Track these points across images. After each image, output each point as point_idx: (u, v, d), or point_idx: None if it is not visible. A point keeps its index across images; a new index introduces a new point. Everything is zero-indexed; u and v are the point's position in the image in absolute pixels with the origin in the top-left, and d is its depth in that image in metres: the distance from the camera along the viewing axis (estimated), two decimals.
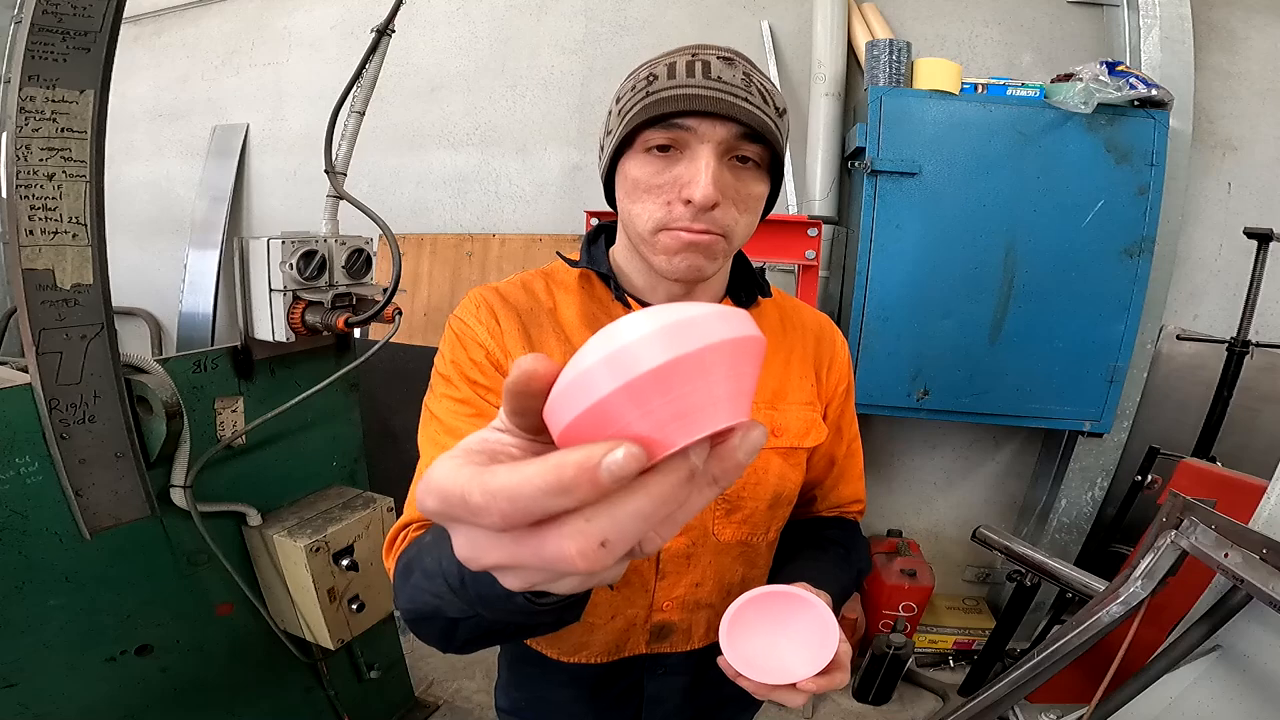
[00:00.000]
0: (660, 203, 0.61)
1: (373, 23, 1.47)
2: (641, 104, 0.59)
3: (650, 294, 0.71)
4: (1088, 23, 2.18)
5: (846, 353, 0.82)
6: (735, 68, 0.60)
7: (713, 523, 0.72)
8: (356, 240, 1.48)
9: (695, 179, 0.58)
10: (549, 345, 0.70)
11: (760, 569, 0.79)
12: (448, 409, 0.67)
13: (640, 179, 0.61)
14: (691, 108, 0.57)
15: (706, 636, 0.77)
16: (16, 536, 1.08)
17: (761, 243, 1.87)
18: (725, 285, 0.75)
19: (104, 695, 1.23)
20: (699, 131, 0.58)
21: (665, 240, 0.61)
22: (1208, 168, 2.12)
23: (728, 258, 0.65)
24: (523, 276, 0.76)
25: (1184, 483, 1.63)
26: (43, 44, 0.98)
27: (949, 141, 1.89)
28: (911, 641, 2.11)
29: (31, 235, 1.02)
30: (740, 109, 0.58)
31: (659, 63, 0.62)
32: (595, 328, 0.70)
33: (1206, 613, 1.11)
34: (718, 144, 0.58)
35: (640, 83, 0.61)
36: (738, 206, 0.62)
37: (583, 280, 0.74)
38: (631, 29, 2.36)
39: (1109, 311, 1.95)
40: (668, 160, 0.60)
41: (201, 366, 1.33)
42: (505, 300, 0.71)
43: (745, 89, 0.59)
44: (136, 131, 2.99)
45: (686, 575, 0.73)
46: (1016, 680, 1.30)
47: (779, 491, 0.73)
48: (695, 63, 0.59)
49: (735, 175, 0.61)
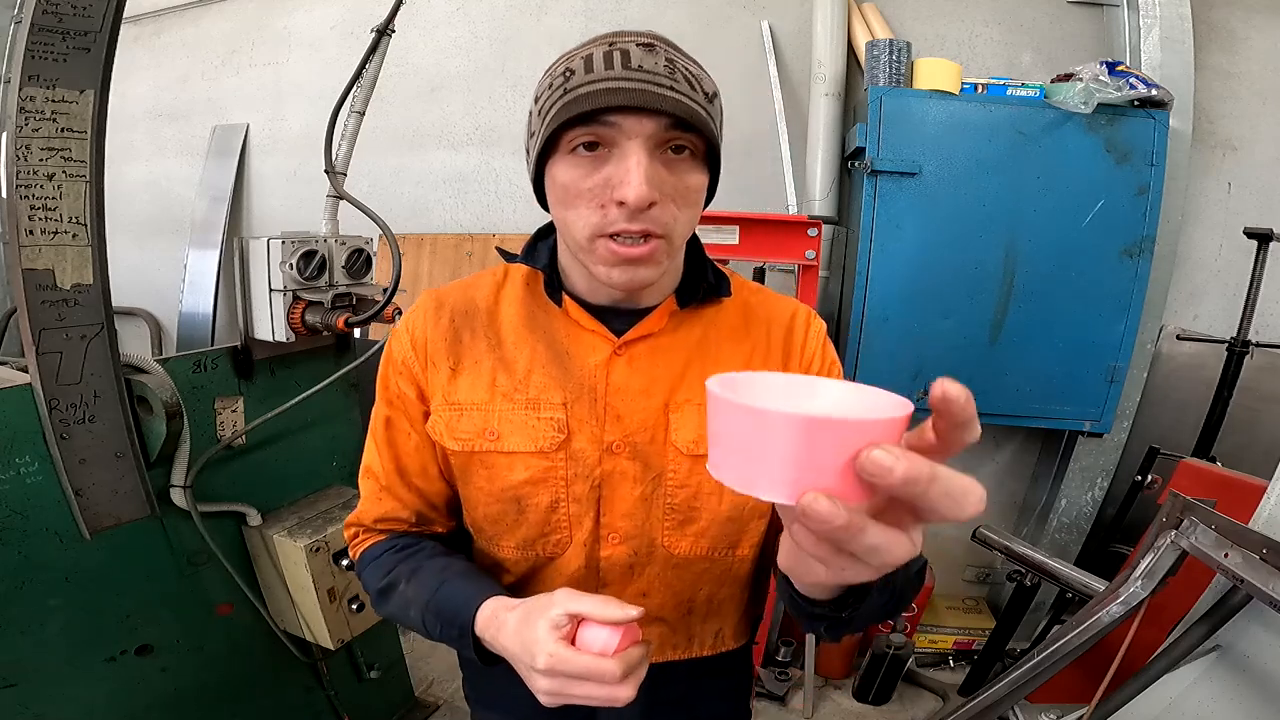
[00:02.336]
0: (593, 207, 0.57)
1: (373, 23, 1.47)
2: (560, 103, 0.56)
3: (592, 295, 0.68)
4: (1088, 23, 2.18)
5: (822, 340, 0.74)
6: (657, 54, 0.56)
7: (662, 534, 0.68)
8: (356, 240, 1.48)
9: (626, 179, 0.54)
10: (479, 349, 0.68)
11: (737, 588, 0.75)
12: (374, 420, 0.72)
13: (569, 183, 0.57)
14: (613, 103, 0.53)
15: (661, 653, 0.74)
16: (16, 536, 1.08)
17: (761, 243, 1.87)
18: (675, 284, 0.70)
19: (104, 695, 1.23)
20: (625, 127, 0.54)
21: (602, 250, 0.58)
22: (1208, 168, 2.12)
23: (672, 258, 0.62)
24: (475, 276, 0.74)
25: (1184, 483, 1.63)
26: (43, 44, 0.98)
27: (949, 141, 1.89)
28: (911, 641, 2.11)
29: (31, 235, 1.02)
30: (667, 99, 0.54)
31: (575, 55, 0.58)
32: (533, 328, 0.68)
33: (1206, 613, 1.11)
34: (646, 139, 0.55)
35: (557, 79, 0.57)
36: (676, 202, 0.58)
37: (529, 278, 0.71)
38: (631, 29, 2.36)
39: (1109, 311, 1.95)
40: (596, 160, 0.56)
41: (201, 366, 1.33)
42: (440, 307, 0.70)
43: (670, 76, 0.55)
44: (136, 131, 2.99)
45: (631, 585, 0.70)
46: (1016, 680, 1.30)
47: (742, 502, 0.68)
48: (614, 53, 0.56)
49: (670, 169, 0.57)
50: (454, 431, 0.66)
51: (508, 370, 0.67)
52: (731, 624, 0.77)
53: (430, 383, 0.68)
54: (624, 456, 0.66)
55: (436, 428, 0.67)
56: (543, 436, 0.65)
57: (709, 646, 0.76)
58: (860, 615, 0.50)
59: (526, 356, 0.67)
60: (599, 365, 0.66)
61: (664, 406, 0.67)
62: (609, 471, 0.66)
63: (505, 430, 0.66)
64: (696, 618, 0.74)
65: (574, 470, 0.66)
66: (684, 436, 0.66)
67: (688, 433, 0.66)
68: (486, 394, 0.67)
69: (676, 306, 0.69)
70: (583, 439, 0.66)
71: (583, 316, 0.67)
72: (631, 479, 0.67)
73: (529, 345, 0.68)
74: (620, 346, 0.66)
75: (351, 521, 0.76)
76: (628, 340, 0.67)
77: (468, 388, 0.67)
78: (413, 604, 0.65)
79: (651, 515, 0.67)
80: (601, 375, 0.66)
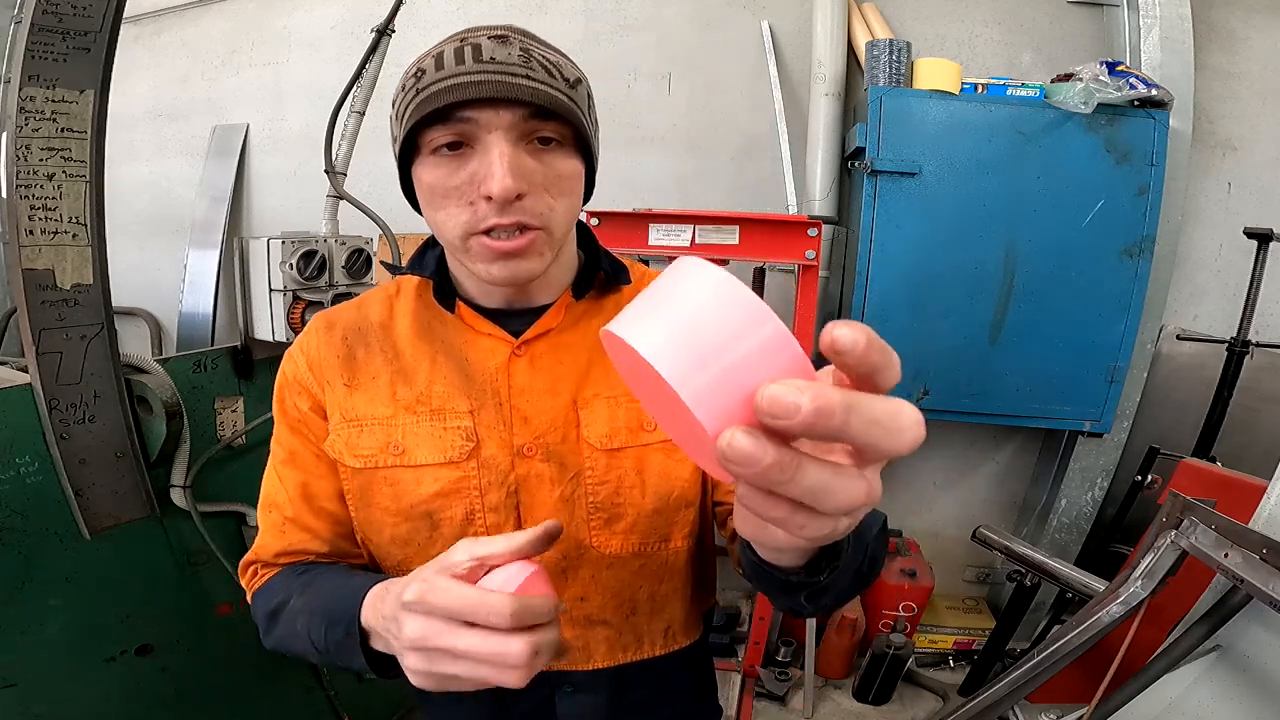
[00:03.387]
0: (462, 205, 0.56)
1: (373, 23, 1.47)
2: (414, 103, 0.54)
3: (484, 297, 0.66)
4: (1088, 23, 2.18)
5: None
6: (510, 45, 0.55)
7: (589, 534, 0.66)
8: (356, 240, 1.48)
9: (490, 171, 0.53)
10: (375, 364, 0.66)
11: (679, 581, 0.72)
12: (274, 448, 0.69)
13: (435, 184, 0.56)
14: (466, 97, 0.52)
15: (611, 655, 0.71)
16: (16, 536, 1.08)
17: (761, 243, 1.87)
18: (572, 277, 0.69)
19: (104, 695, 1.23)
20: (481, 121, 0.53)
21: (477, 248, 0.57)
22: (1208, 168, 2.12)
23: (556, 249, 0.60)
24: (369, 292, 0.72)
25: (1184, 483, 1.63)
26: (43, 44, 0.98)
27: (949, 141, 1.89)
28: (911, 641, 2.11)
29: (31, 235, 1.02)
30: (521, 88, 0.53)
31: (426, 56, 0.57)
32: (429, 338, 0.66)
33: (1206, 613, 1.11)
34: (507, 130, 0.54)
35: (409, 80, 0.56)
36: (550, 191, 0.57)
37: (420, 287, 0.69)
38: (632, 29, 2.36)
39: (1109, 311, 1.95)
40: (459, 159, 0.55)
41: (201, 366, 1.33)
42: (331, 326, 0.68)
43: (525, 65, 0.54)
44: (136, 131, 2.99)
45: (566, 590, 0.67)
46: (1016, 680, 1.30)
47: (665, 492, 0.66)
48: (464, 48, 0.54)
49: (538, 159, 0.56)
50: (354, 449, 0.64)
51: (408, 382, 0.65)
52: (680, 619, 0.74)
53: (328, 400, 0.66)
54: (538, 459, 0.64)
55: (336, 446, 0.65)
56: (451, 446, 0.63)
57: (660, 646, 0.74)
58: (838, 578, 0.46)
59: (426, 367, 0.65)
60: (499, 368, 0.64)
61: (572, 404, 0.65)
62: (524, 476, 0.64)
63: (411, 443, 0.63)
64: (641, 617, 0.71)
65: (487, 478, 0.64)
66: (596, 431, 0.64)
67: (600, 427, 0.64)
68: (388, 408, 0.64)
69: (573, 299, 0.67)
70: (492, 445, 0.63)
71: (477, 320, 0.66)
72: (549, 481, 0.64)
73: (427, 356, 0.66)
74: (519, 346, 0.65)
75: (248, 561, 0.70)
76: (526, 340, 0.65)
77: (366, 402, 0.65)
78: (301, 614, 0.59)
79: (576, 515, 0.65)
80: (503, 378, 0.64)
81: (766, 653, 2.20)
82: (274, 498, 0.68)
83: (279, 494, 0.67)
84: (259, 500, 0.69)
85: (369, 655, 0.53)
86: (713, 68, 2.34)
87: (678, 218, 1.72)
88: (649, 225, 1.72)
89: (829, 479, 0.26)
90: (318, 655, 0.58)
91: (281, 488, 0.67)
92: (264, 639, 0.65)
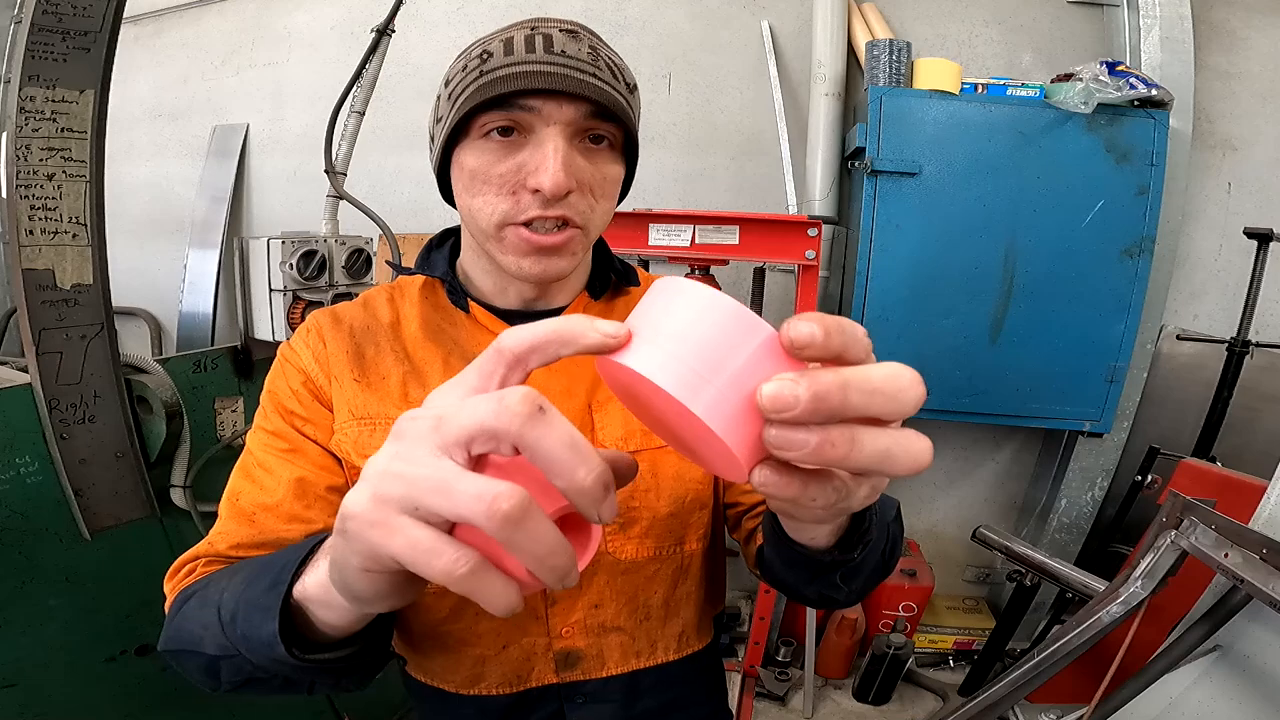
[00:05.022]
0: (504, 194, 0.54)
1: (373, 23, 1.47)
2: (475, 85, 0.53)
3: (499, 297, 0.64)
4: (1088, 23, 2.18)
5: None
6: (580, 41, 0.54)
7: (605, 539, 0.64)
8: (356, 240, 1.48)
9: (543, 165, 0.52)
10: (385, 364, 0.64)
11: (693, 584, 0.71)
12: (259, 440, 0.62)
13: (479, 169, 0.54)
14: (534, 86, 0.51)
15: (625, 662, 0.69)
16: (16, 536, 1.08)
17: (761, 243, 1.87)
18: (585, 280, 0.68)
19: (104, 695, 1.23)
20: (544, 112, 0.52)
21: (512, 239, 0.55)
22: (1208, 168, 2.12)
23: (586, 251, 0.59)
24: (369, 292, 0.70)
25: (1184, 483, 1.63)
26: (43, 44, 0.98)
27: (949, 141, 1.89)
28: (911, 641, 2.11)
29: (31, 235, 1.02)
30: (590, 85, 0.52)
31: (494, 39, 0.55)
32: (439, 339, 0.64)
33: (1206, 613, 1.11)
34: (566, 125, 0.53)
35: (473, 61, 0.54)
36: (594, 192, 0.56)
37: (426, 289, 0.68)
38: (631, 29, 2.36)
39: (1109, 311, 1.95)
40: (509, 145, 0.54)
41: (201, 366, 1.33)
42: (338, 322, 0.66)
43: (593, 64, 0.53)
44: (136, 131, 2.99)
45: (582, 597, 0.66)
46: (1016, 680, 1.30)
47: (680, 495, 0.65)
48: (535, 36, 0.53)
49: (588, 158, 0.55)
50: (363, 449, 0.61)
51: (421, 382, 0.63)
52: (694, 623, 0.74)
53: (335, 395, 0.62)
54: None
55: (342, 445, 0.61)
56: None
57: (674, 651, 0.72)
58: (869, 555, 0.46)
59: (439, 369, 0.63)
60: None
61: (587, 407, 0.64)
62: None
63: None
64: (655, 622, 0.70)
65: None
66: (612, 434, 0.63)
67: (615, 430, 0.63)
68: (400, 408, 0.61)
69: (590, 300, 0.67)
70: None
71: (491, 321, 0.64)
72: None
73: (439, 358, 0.64)
74: None
75: (189, 556, 0.60)
76: None
77: (377, 401, 0.62)
78: (224, 581, 0.49)
79: None
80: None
81: (766, 653, 2.20)
82: (244, 488, 0.60)
83: (266, 481, 0.60)
84: (223, 495, 0.62)
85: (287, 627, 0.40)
86: (713, 68, 2.34)
87: (677, 218, 1.72)
88: (649, 225, 1.72)
89: (888, 439, 0.29)
90: (217, 640, 0.45)
91: (268, 477, 0.60)
92: (164, 631, 0.54)
